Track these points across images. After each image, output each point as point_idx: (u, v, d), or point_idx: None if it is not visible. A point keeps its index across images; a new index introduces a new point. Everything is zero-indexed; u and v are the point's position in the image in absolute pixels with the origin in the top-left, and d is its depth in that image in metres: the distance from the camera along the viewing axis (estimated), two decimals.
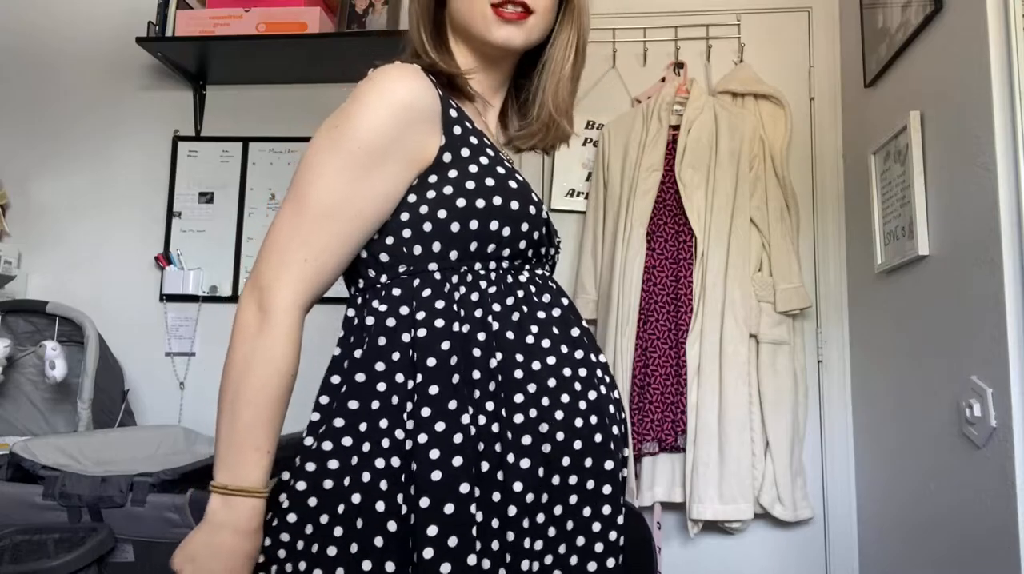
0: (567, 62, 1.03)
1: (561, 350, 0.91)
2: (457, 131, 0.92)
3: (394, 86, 0.88)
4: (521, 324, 0.90)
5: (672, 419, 2.07)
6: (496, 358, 0.87)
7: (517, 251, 0.93)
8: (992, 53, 1.39)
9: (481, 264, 0.91)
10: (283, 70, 2.44)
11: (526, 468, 0.84)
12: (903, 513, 1.82)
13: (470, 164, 0.91)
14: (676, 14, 2.38)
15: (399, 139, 0.87)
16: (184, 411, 2.41)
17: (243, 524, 0.84)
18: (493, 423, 0.85)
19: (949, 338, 1.56)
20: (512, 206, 0.91)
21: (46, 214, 2.56)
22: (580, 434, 0.88)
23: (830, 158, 2.30)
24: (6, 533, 1.54)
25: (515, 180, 0.94)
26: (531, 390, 0.87)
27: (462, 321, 0.88)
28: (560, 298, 0.97)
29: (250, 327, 0.85)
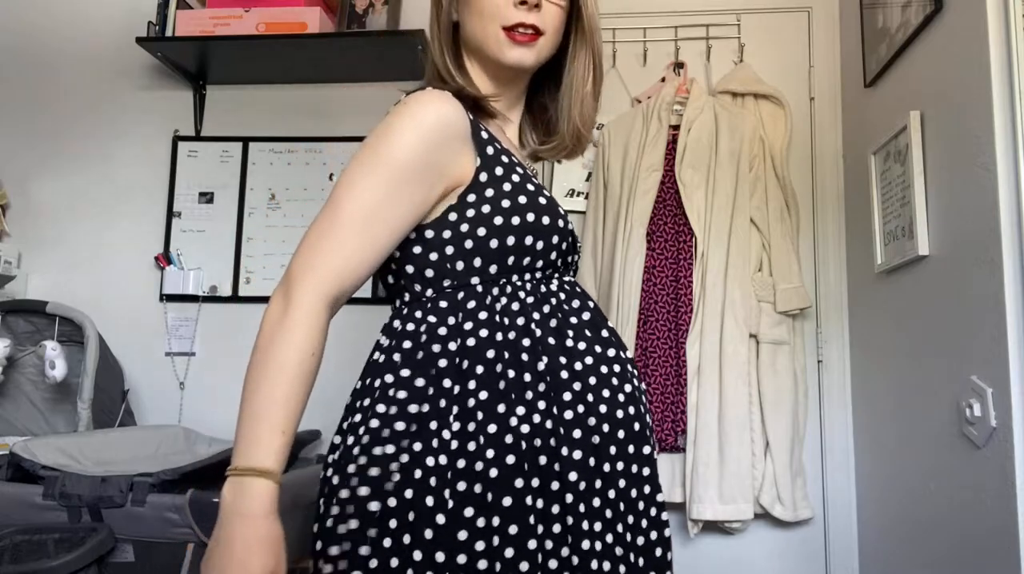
0: (588, 81, 1.10)
1: (596, 350, 0.99)
2: (490, 151, 0.99)
3: (426, 109, 0.94)
4: (559, 329, 0.98)
5: (672, 419, 2.07)
6: (543, 362, 0.95)
7: (549, 262, 1.01)
8: (992, 53, 1.39)
9: (518, 276, 0.99)
10: (283, 70, 2.44)
11: (578, 459, 0.92)
12: (903, 513, 1.82)
13: (504, 183, 0.98)
14: (676, 14, 2.38)
15: (429, 158, 0.93)
16: (184, 411, 2.41)
17: (255, 508, 0.83)
18: (547, 421, 0.93)
19: (949, 338, 1.56)
20: (544, 221, 0.99)
21: (46, 214, 2.56)
22: (622, 425, 0.97)
23: (830, 158, 2.30)
24: (6, 533, 1.54)
25: (543, 196, 1.01)
26: (576, 388, 0.95)
27: (506, 329, 0.96)
28: (587, 302, 1.05)
29: (274, 316, 0.87)
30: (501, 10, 1.01)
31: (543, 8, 1.02)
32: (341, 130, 2.46)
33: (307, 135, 2.49)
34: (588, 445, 0.93)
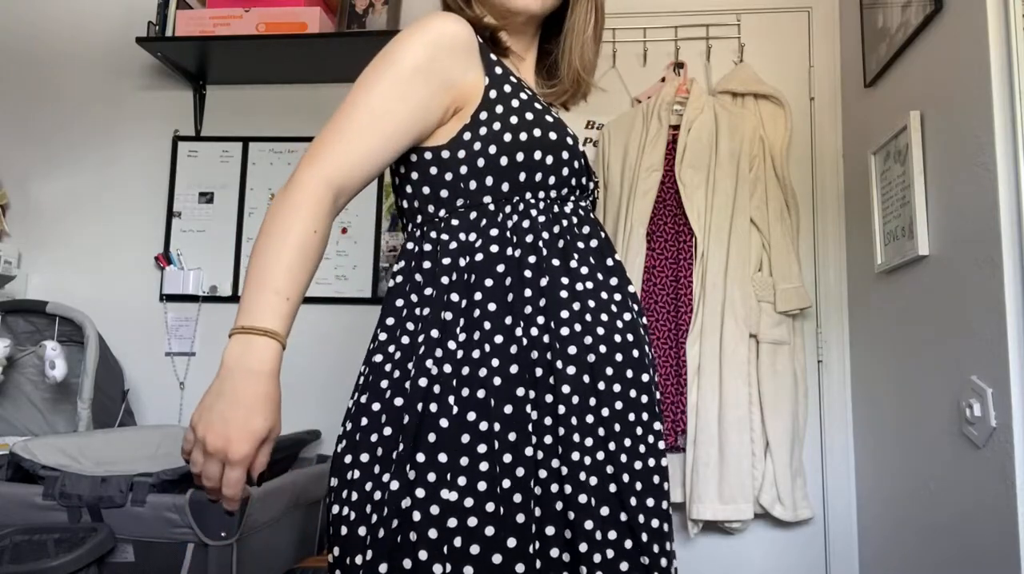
0: (589, 24, 1.12)
1: (598, 277, 1.02)
2: (499, 71, 1.01)
3: (436, 22, 0.97)
4: (565, 250, 1.01)
5: (672, 419, 2.07)
6: (545, 279, 0.97)
7: (561, 178, 1.03)
8: (992, 53, 1.39)
9: (531, 194, 1.01)
10: (283, 70, 2.44)
11: (572, 374, 0.95)
12: (903, 513, 1.82)
13: (512, 99, 1.00)
14: (676, 14, 2.38)
15: (434, 64, 0.96)
16: (184, 411, 2.41)
17: (259, 364, 0.84)
18: (544, 335, 0.96)
19: (949, 338, 1.56)
20: (551, 136, 1.00)
21: (46, 214, 2.56)
22: (620, 347, 1.00)
23: (830, 158, 2.30)
24: (6, 533, 1.54)
25: (550, 115, 1.03)
26: (575, 307, 0.98)
27: (514, 246, 0.98)
28: (598, 230, 1.08)
29: (279, 195, 0.90)
30: None
31: None
32: None
33: (307, 135, 2.49)
34: (583, 362, 0.96)
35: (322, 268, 2.42)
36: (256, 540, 1.67)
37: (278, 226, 0.87)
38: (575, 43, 1.12)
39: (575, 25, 1.12)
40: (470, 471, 0.90)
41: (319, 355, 2.31)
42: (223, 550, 1.57)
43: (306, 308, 2.40)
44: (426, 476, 0.90)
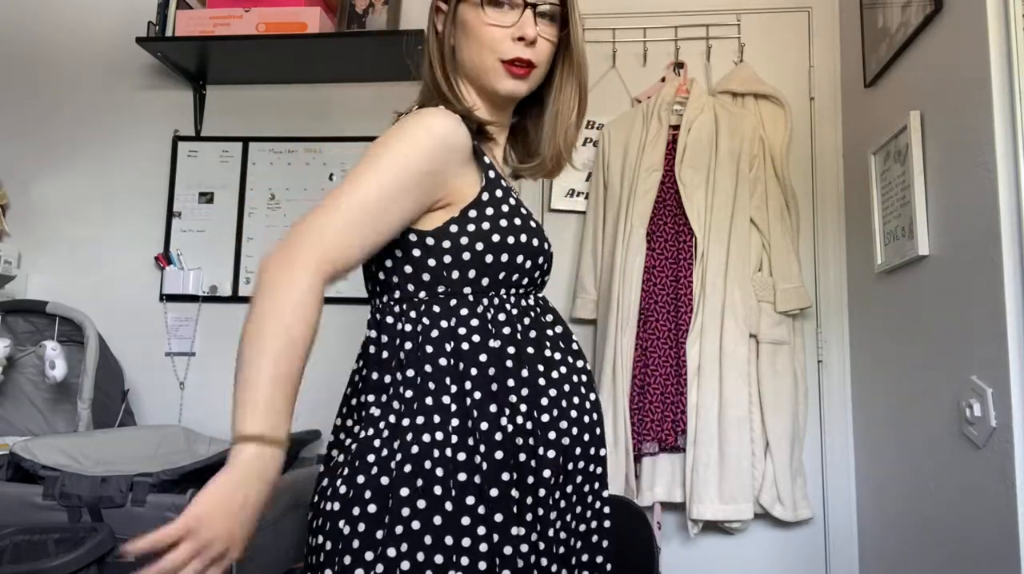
0: (573, 111, 1.18)
1: (568, 361, 1.09)
2: (492, 175, 1.07)
3: (438, 121, 1.00)
4: (538, 340, 1.07)
5: (672, 419, 2.07)
6: (526, 369, 1.03)
7: (531, 279, 1.10)
8: (992, 53, 1.39)
9: (505, 290, 1.07)
10: (283, 70, 2.44)
11: (552, 458, 1.02)
12: (903, 513, 1.82)
13: (502, 205, 1.06)
14: (676, 14, 2.38)
15: (434, 166, 0.99)
16: (184, 411, 2.41)
17: (271, 475, 0.88)
18: (527, 422, 1.01)
19: (949, 338, 1.56)
20: (533, 243, 1.07)
21: (46, 214, 2.56)
22: (587, 428, 1.07)
23: (830, 158, 2.30)
24: (6, 533, 1.54)
25: (533, 220, 1.10)
26: (552, 394, 1.04)
27: (494, 337, 1.03)
28: (558, 317, 1.16)
29: (270, 279, 0.90)
30: (500, 44, 1.07)
31: (538, 43, 1.09)
32: (341, 130, 2.46)
33: (307, 135, 2.49)
34: (560, 446, 1.03)
35: None
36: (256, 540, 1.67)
37: (280, 313, 0.87)
38: (560, 126, 1.17)
39: (560, 111, 1.17)
40: (462, 551, 0.96)
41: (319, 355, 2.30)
42: None
43: None
44: (416, 554, 0.95)
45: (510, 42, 1.07)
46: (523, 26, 1.06)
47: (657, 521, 2.08)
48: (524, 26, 1.06)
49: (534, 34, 1.07)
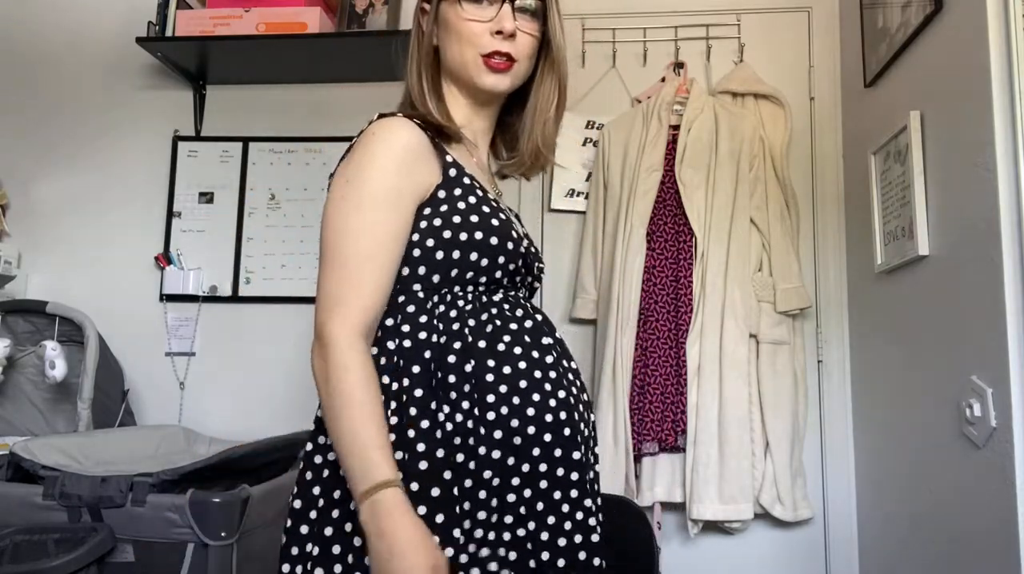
0: (551, 105, 1.17)
1: (532, 355, 1.03)
2: (452, 173, 1.04)
3: (396, 135, 1.01)
4: (494, 334, 1.02)
5: (672, 419, 2.06)
6: (470, 364, 0.99)
7: (492, 279, 1.05)
8: (992, 53, 1.39)
9: (460, 288, 1.04)
10: (283, 70, 2.44)
11: (496, 457, 0.97)
12: (903, 513, 1.82)
13: (459, 202, 1.03)
14: (676, 14, 2.38)
15: (402, 183, 1.00)
16: (184, 411, 2.41)
17: (401, 509, 0.88)
18: (468, 420, 0.98)
19: (949, 338, 1.56)
20: (491, 241, 1.03)
21: (46, 214, 2.56)
22: (549, 428, 1.01)
23: (830, 158, 2.30)
24: (6, 533, 1.54)
25: (498, 218, 1.05)
26: (502, 390, 0.99)
27: (440, 334, 1.01)
28: (535, 314, 1.10)
29: (321, 364, 0.94)
30: (479, 38, 1.08)
31: (518, 37, 1.09)
32: (341, 130, 2.46)
33: (307, 135, 2.49)
34: (508, 445, 0.98)
35: None
36: (256, 540, 1.67)
37: (340, 392, 0.91)
38: (537, 121, 1.17)
39: (539, 104, 1.16)
40: None
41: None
42: (223, 550, 1.57)
43: (305, 308, 2.40)
44: (347, 556, 0.94)
45: (489, 36, 1.07)
46: (501, 20, 1.07)
47: (657, 521, 2.08)
48: (502, 19, 1.07)
49: (512, 27, 1.07)
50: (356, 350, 0.93)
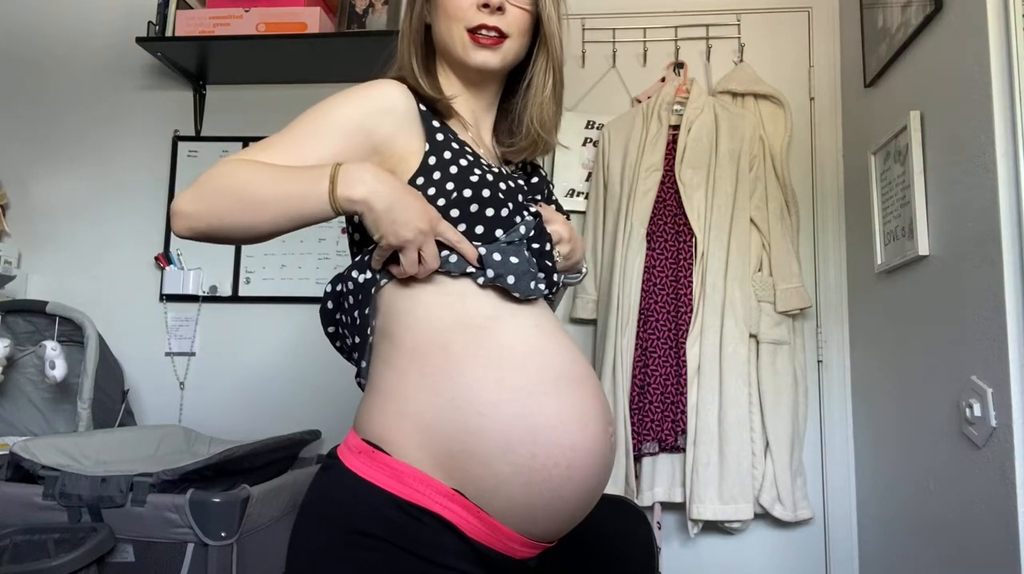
0: (547, 85, 1.12)
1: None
2: (440, 138, 1.01)
3: (375, 87, 1.02)
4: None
5: (672, 419, 2.06)
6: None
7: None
8: (992, 53, 1.39)
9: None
10: (283, 70, 2.44)
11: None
12: (903, 513, 1.82)
13: (451, 166, 0.99)
14: (676, 14, 2.38)
15: (363, 122, 0.99)
16: (184, 411, 2.41)
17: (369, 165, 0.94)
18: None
19: (949, 338, 1.56)
20: (487, 212, 0.98)
21: (46, 214, 2.56)
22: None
23: (830, 158, 2.30)
24: (6, 533, 1.54)
25: (490, 186, 0.99)
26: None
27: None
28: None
29: (196, 186, 0.95)
30: (464, 12, 1.04)
31: (507, 12, 1.04)
32: None
33: None
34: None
35: (323, 268, 2.43)
36: (256, 540, 1.67)
37: (234, 175, 0.93)
38: (533, 101, 1.12)
39: (533, 83, 1.12)
40: None
41: (319, 355, 2.32)
42: (223, 550, 1.57)
43: (305, 308, 2.40)
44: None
45: (474, 10, 1.03)
46: None
47: (657, 521, 2.08)
48: None
49: (499, 0, 1.03)
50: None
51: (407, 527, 0.89)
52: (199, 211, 0.93)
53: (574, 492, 0.93)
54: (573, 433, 0.92)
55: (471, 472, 0.90)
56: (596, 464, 0.95)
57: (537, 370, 0.94)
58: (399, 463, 0.91)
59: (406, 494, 0.90)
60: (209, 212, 0.93)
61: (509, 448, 0.90)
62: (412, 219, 0.91)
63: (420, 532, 0.89)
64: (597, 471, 0.95)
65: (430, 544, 0.89)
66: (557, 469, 0.91)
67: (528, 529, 0.93)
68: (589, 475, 0.94)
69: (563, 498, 0.92)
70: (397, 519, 0.89)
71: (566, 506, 0.93)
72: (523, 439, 0.90)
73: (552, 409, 0.92)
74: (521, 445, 0.90)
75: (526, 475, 0.90)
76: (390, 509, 0.89)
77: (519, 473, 0.90)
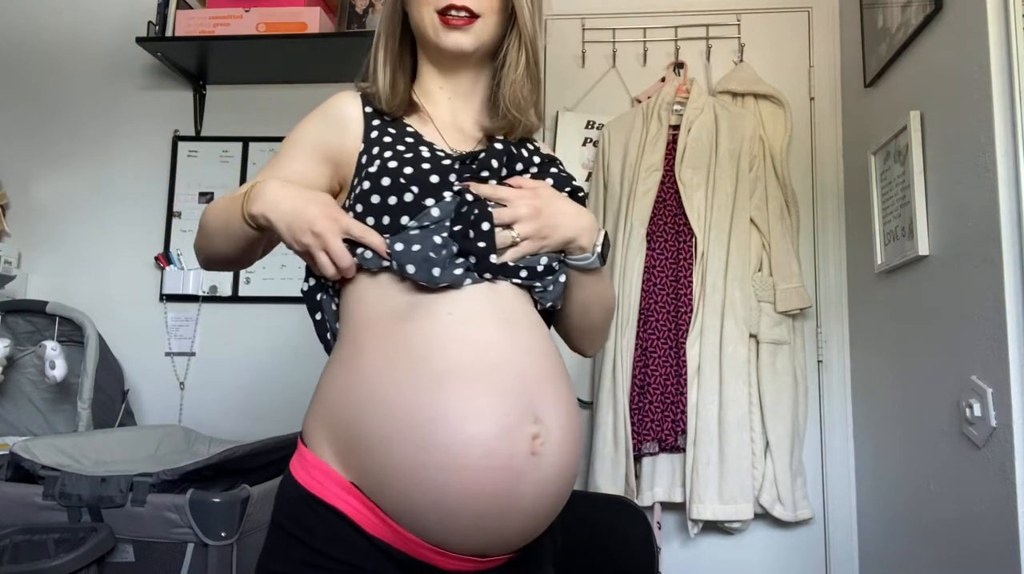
0: (519, 63, 1.08)
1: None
2: (373, 136, 1.04)
3: (330, 101, 1.09)
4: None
5: (672, 419, 2.06)
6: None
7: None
8: (992, 53, 1.39)
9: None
10: (283, 70, 2.44)
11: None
12: (903, 513, 1.82)
13: (376, 160, 1.00)
14: (676, 14, 2.38)
15: (316, 135, 1.06)
16: (184, 411, 2.41)
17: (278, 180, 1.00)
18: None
19: (949, 338, 1.56)
20: (389, 201, 0.96)
21: (46, 214, 2.56)
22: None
23: (830, 158, 2.30)
24: (6, 533, 1.53)
25: (391, 174, 0.97)
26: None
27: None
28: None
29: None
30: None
31: None
32: None
33: None
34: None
35: None
36: (256, 540, 1.67)
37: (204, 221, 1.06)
38: (505, 81, 1.08)
39: (506, 63, 1.08)
40: None
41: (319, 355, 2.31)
42: (223, 550, 1.57)
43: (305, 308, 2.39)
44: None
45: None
46: None
47: (657, 521, 2.08)
48: None
49: None
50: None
51: (304, 518, 0.91)
52: (196, 247, 1.09)
53: (468, 496, 0.85)
54: (459, 431, 0.85)
55: (362, 467, 0.89)
56: (496, 467, 0.86)
57: (429, 362, 0.89)
58: (310, 455, 0.94)
59: (309, 485, 0.92)
60: (199, 248, 1.08)
61: (391, 444, 0.87)
62: (307, 224, 0.92)
63: (317, 524, 0.90)
64: (506, 476, 0.86)
65: (326, 537, 0.89)
66: (439, 471, 0.85)
67: (434, 537, 0.87)
68: (487, 479, 0.85)
69: (453, 503, 0.85)
70: (300, 511, 0.92)
71: (463, 513, 0.86)
72: (404, 435, 0.86)
73: (439, 405, 0.87)
74: (401, 442, 0.86)
75: (407, 474, 0.86)
76: (297, 501, 0.92)
77: (401, 471, 0.86)
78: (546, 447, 0.90)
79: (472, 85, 1.12)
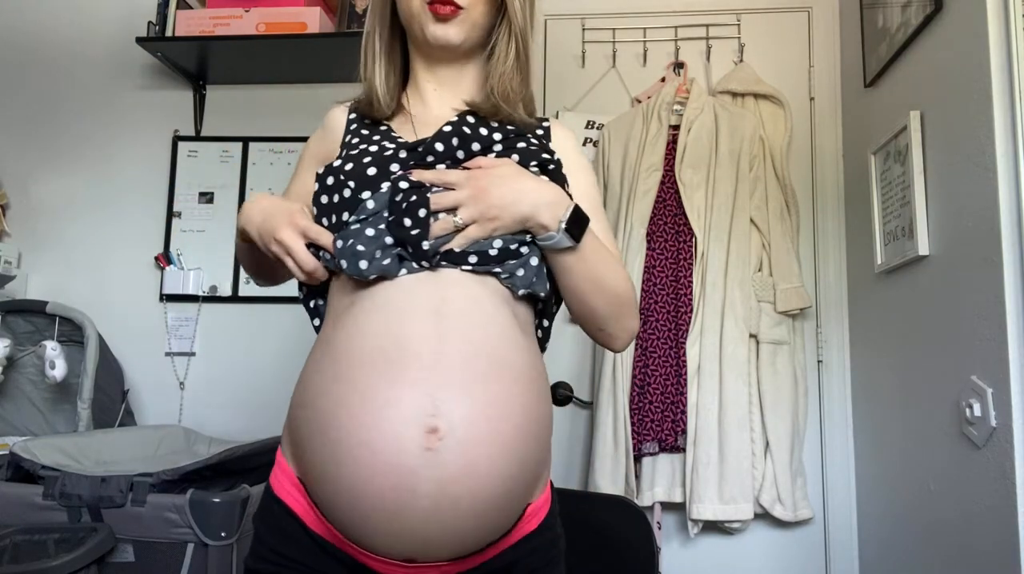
0: (508, 55, 1.06)
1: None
2: (348, 139, 1.09)
3: (325, 117, 1.19)
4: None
5: (672, 419, 2.06)
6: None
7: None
8: (992, 53, 1.40)
9: None
10: (283, 70, 2.44)
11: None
12: (903, 513, 1.82)
13: (350, 150, 1.04)
14: (676, 14, 2.38)
15: (312, 150, 1.19)
16: (184, 411, 2.41)
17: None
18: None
19: (949, 338, 1.56)
20: (334, 199, 0.97)
21: (46, 214, 2.56)
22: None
23: (830, 158, 2.30)
24: (6, 533, 1.53)
25: (334, 172, 0.97)
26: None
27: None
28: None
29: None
30: None
31: None
32: None
33: (307, 135, 2.47)
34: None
35: None
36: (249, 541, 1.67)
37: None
38: (494, 72, 1.06)
39: (495, 53, 1.06)
40: None
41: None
42: (223, 550, 1.57)
43: None
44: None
45: None
46: None
47: (657, 521, 2.08)
48: None
49: None
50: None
51: (265, 512, 0.96)
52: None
53: (364, 494, 0.81)
54: (368, 427, 0.82)
55: (301, 462, 0.92)
56: (390, 463, 0.81)
57: (347, 358, 0.87)
58: (279, 453, 0.99)
59: (271, 481, 0.97)
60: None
61: (311, 441, 0.86)
62: (273, 232, 0.97)
63: (273, 519, 0.94)
64: (398, 472, 0.80)
65: (279, 531, 0.93)
66: (346, 467, 0.82)
67: (352, 536, 0.85)
68: (380, 474, 0.81)
69: (355, 500, 0.82)
70: (264, 505, 0.97)
71: (366, 510, 0.82)
72: (317, 433, 0.85)
73: (344, 400, 0.84)
74: (315, 439, 0.85)
75: (320, 468, 0.85)
76: (266, 497, 0.97)
77: (318, 469, 0.85)
78: (446, 443, 0.81)
79: (459, 75, 1.10)
